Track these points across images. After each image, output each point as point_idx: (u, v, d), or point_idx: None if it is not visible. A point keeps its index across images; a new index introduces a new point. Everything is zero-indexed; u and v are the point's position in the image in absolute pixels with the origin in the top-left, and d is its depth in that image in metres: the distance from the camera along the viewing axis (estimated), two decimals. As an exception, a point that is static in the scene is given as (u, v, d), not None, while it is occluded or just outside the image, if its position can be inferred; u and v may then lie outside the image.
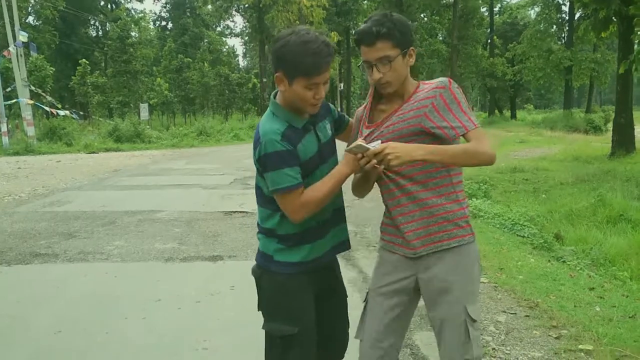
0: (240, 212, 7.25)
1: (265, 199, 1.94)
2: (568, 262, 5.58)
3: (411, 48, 1.91)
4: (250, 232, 6.13)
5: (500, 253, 5.43)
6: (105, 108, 36.60)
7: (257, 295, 2.07)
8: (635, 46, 12.47)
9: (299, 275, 1.96)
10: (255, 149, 1.83)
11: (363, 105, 2.08)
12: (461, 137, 1.87)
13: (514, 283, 4.48)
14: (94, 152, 18.29)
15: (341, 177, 1.84)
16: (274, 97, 1.94)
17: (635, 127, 14.84)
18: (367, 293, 2.08)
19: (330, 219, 2.00)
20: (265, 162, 1.80)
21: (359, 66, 1.92)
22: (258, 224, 2.04)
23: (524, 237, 6.60)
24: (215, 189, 9.26)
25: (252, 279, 2.08)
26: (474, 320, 1.90)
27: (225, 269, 4.80)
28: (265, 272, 2.02)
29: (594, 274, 5.29)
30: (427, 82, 1.97)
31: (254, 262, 4.89)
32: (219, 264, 4.93)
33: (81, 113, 29.79)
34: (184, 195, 8.68)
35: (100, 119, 29.17)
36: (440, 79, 1.92)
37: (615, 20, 13.12)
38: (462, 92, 1.90)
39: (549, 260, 5.55)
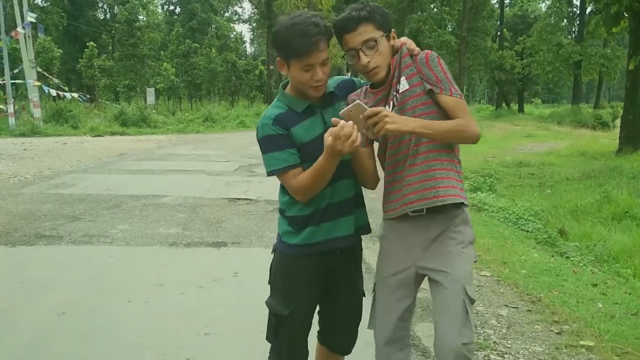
0: (245, 199, 7.26)
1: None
2: (571, 258, 5.58)
3: (392, 30, 1.93)
4: (253, 219, 6.14)
5: (504, 247, 5.42)
6: (111, 92, 36.61)
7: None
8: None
9: (302, 259, 1.97)
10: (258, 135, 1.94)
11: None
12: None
13: (517, 277, 4.48)
14: (99, 136, 18.32)
15: (321, 167, 1.78)
16: (283, 88, 1.98)
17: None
18: (375, 284, 2.08)
19: (340, 205, 1.98)
20: (260, 146, 1.90)
21: (343, 57, 1.94)
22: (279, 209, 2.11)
23: (528, 231, 6.59)
24: (220, 176, 9.27)
25: (255, 266, 2.18)
26: (473, 301, 1.89)
27: (229, 256, 4.81)
28: (275, 251, 2.09)
29: (597, 271, 5.28)
30: None
31: (256, 249, 4.90)
32: (223, 250, 4.95)
33: (87, 96, 29.81)
34: (189, 181, 8.69)
35: (107, 102, 29.20)
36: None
37: (626, 15, 12.98)
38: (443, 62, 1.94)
39: (553, 256, 5.55)
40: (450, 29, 41.74)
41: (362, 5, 1.86)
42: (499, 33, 45.23)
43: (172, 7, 57.27)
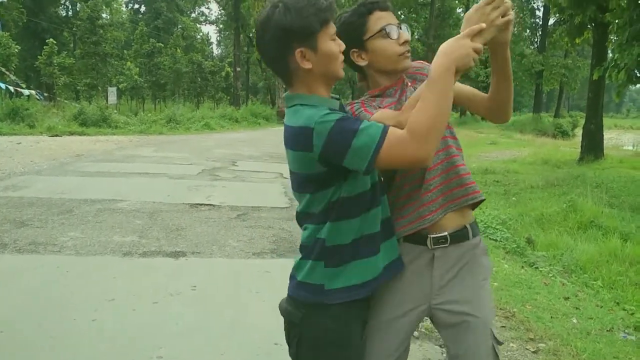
0: (207, 204, 6.95)
1: (314, 210, 1.55)
2: (541, 269, 5.52)
3: None
4: (216, 226, 5.85)
5: (474, 258, 5.28)
6: (72, 90, 35.49)
7: (288, 345, 1.63)
8: (610, 54, 12.56)
9: (356, 308, 1.58)
10: (306, 142, 1.42)
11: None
12: None
13: (489, 290, 4.33)
14: (57, 135, 17.57)
15: (446, 75, 1.39)
16: (290, 93, 1.57)
17: (604, 133, 15.02)
18: (368, 326, 1.69)
19: (380, 230, 1.60)
20: (338, 138, 1.38)
21: (381, 30, 1.51)
22: (301, 247, 1.62)
23: (496, 240, 6.51)
24: (182, 179, 8.91)
25: (216, 279, 1.85)
26: (500, 344, 1.67)
27: (188, 267, 4.51)
28: (313, 311, 1.56)
29: (566, 282, 5.23)
30: None
31: (218, 260, 4.58)
32: (181, 261, 4.64)
33: (46, 94, 28.78)
34: (149, 185, 8.31)
35: (66, 101, 28.24)
36: None
37: (590, 26, 13.20)
38: None
39: (522, 266, 5.47)
40: (417, 36, 42.13)
41: None
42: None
43: (137, 6, 56.10)
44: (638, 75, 9.84)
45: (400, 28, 1.67)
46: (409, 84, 1.74)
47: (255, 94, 54.86)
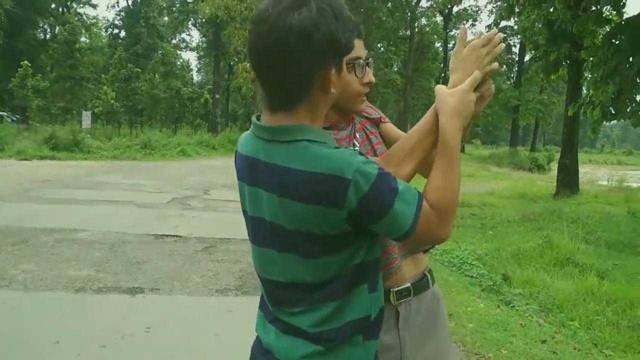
0: (173, 235, 6.65)
1: (314, 278, 1.21)
2: (517, 308, 5.36)
3: None
4: (180, 260, 5.55)
5: (450, 296, 5.09)
6: (46, 114, 34.90)
7: None
8: (584, 90, 12.74)
9: None
10: (336, 194, 1.09)
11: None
12: None
13: (464, 333, 4.15)
14: (26, 159, 17.09)
15: (450, 135, 1.24)
16: (288, 124, 1.18)
17: (579, 168, 15.15)
18: None
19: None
20: (379, 196, 1.11)
21: (350, 62, 1.27)
22: (306, 334, 1.22)
23: (472, 277, 6.35)
24: (150, 208, 8.59)
25: (173, 319, 1.54)
26: None
27: (144, 305, 4.21)
28: None
29: (543, 322, 5.07)
30: None
31: (177, 297, 4.29)
32: (138, 298, 4.34)
33: (17, 117, 28.19)
34: (114, 213, 7.97)
35: (38, 124, 27.68)
36: None
37: (565, 63, 13.41)
38: None
39: (499, 305, 5.30)
40: (396, 69, 42.71)
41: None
42: (442, 75, 46.65)
43: (116, 31, 55.90)
44: (612, 112, 9.93)
45: (368, 65, 1.46)
46: (361, 122, 1.59)
47: (234, 121, 54.72)
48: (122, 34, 54.43)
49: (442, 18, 44.59)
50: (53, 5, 51.82)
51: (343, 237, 1.16)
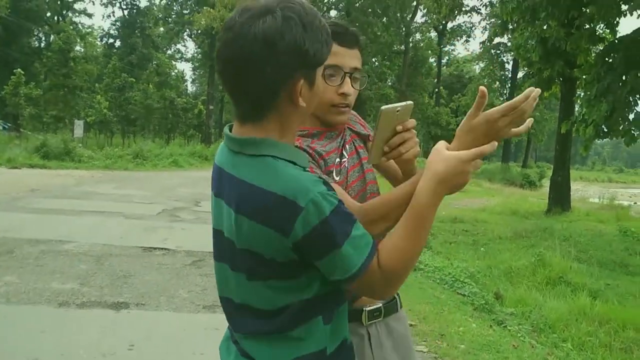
0: (162, 248, 6.53)
1: (266, 306, 1.15)
2: (509, 328, 5.30)
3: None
4: (168, 274, 5.44)
5: (441, 315, 5.01)
6: (39, 122, 34.71)
7: None
8: (577, 108, 12.78)
9: None
10: (285, 220, 1.03)
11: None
12: None
13: (456, 354, 4.07)
14: (16, 167, 16.92)
15: (424, 211, 1.12)
16: (255, 137, 1.13)
17: (571, 185, 15.18)
18: None
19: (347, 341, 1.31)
20: (328, 233, 1.04)
21: (323, 74, 1.27)
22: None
23: (464, 295, 6.28)
24: (139, 220, 8.47)
25: (158, 336, 1.49)
26: None
27: (129, 321, 4.10)
28: None
29: (535, 343, 5.01)
30: None
31: (164, 314, 4.19)
32: (122, 314, 4.23)
33: (8, 125, 27.96)
34: (102, 225, 7.85)
35: (30, 132, 27.48)
36: None
37: (558, 81, 13.47)
38: None
39: (491, 325, 5.23)
40: (390, 83, 42.88)
41: (355, 29, 1.41)
42: (436, 90, 46.93)
43: (112, 40, 55.90)
44: (605, 130, 9.95)
45: (351, 77, 1.39)
46: (351, 136, 1.55)
47: (228, 133, 54.57)
48: (117, 43, 54.45)
49: (436, 34, 44.95)
50: (49, 14, 51.82)
51: (291, 266, 1.09)
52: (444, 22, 39.75)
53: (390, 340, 1.50)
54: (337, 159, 1.44)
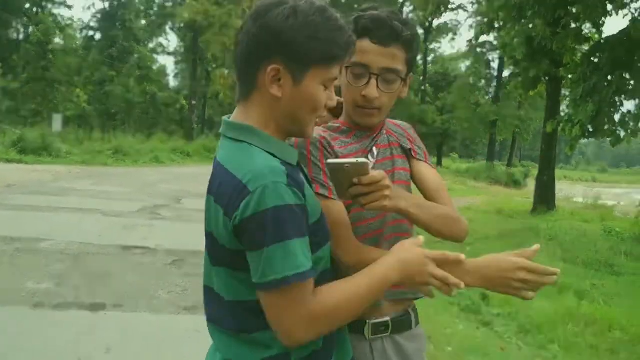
0: (141, 247, 6.34)
1: (239, 304, 1.12)
2: (496, 329, 5.26)
3: (411, 74, 1.37)
4: (147, 274, 5.27)
5: (428, 317, 4.92)
6: (16, 115, 34.00)
7: None
8: (563, 107, 12.82)
9: None
10: (233, 202, 1.02)
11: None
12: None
13: (443, 357, 4.00)
14: (-9, 163, 16.54)
15: (382, 282, 1.10)
16: (236, 121, 1.16)
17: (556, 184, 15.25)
18: None
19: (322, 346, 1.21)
20: (262, 225, 0.99)
21: (348, 72, 1.27)
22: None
23: (450, 296, 6.21)
24: (118, 217, 8.24)
25: (136, 339, 1.48)
26: None
27: (105, 323, 3.93)
28: None
29: (522, 345, 4.96)
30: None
31: (142, 315, 4.01)
32: (99, 315, 4.05)
33: (-16, 119, 27.36)
34: (79, 222, 7.61)
35: (7, 126, 26.89)
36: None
37: (544, 80, 13.49)
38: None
39: (478, 327, 5.19)
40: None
41: (405, 20, 1.26)
42: (422, 88, 47.00)
43: (92, 33, 54.97)
44: (591, 130, 9.96)
45: (378, 78, 1.28)
46: (391, 143, 1.46)
47: (211, 128, 54.20)
48: (98, 36, 53.61)
49: (422, 31, 45.00)
50: (27, 5, 50.79)
51: (241, 256, 1.06)
52: (430, 19, 39.85)
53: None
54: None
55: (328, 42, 1.07)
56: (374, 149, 1.39)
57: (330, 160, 1.12)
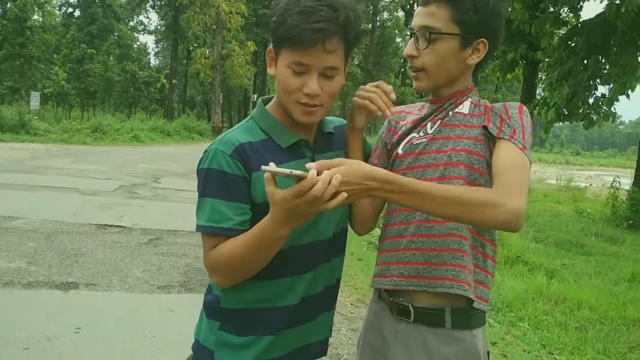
0: (117, 226, 6.31)
1: None
2: (468, 307, 5.32)
3: (482, 40, 1.27)
4: (121, 253, 5.25)
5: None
6: (-6, 93, 33.33)
7: None
8: (539, 91, 12.90)
9: None
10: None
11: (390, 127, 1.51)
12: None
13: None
14: (-34, 140, 16.22)
15: (264, 237, 1.11)
16: (264, 103, 1.32)
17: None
18: None
19: (321, 298, 1.34)
20: (199, 180, 1.22)
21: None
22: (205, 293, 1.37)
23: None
24: (95, 196, 8.18)
25: (107, 318, 1.57)
26: None
27: (77, 302, 3.92)
28: None
29: (493, 322, 5.04)
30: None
31: (115, 294, 4.00)
32: (71, 294, 4.04)
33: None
34: (55, 200, 7.54)
35: (-17, 104, 26.35)
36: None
37: (521, 63, 13.54)
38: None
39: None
40: (357, 62, 42.69)
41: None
42: (402, 70, 46.96)
43: (71, 10, 53.79)
44: (565, 113, 10.06)
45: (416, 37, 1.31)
46: (465, 124, 1.32)
47: (192, 108, 53.61)
48: (77, 13, 52.48)
49: (403, 13, 44.81)
50: (3, -20, 49.40)
51: None
52: (411, 1, 39.64)
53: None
54: (414, 133, 1.37)
55: (287, 25, 1.12)
56: (431, 123, 1.35)
57: (264, 167, 1.02)
